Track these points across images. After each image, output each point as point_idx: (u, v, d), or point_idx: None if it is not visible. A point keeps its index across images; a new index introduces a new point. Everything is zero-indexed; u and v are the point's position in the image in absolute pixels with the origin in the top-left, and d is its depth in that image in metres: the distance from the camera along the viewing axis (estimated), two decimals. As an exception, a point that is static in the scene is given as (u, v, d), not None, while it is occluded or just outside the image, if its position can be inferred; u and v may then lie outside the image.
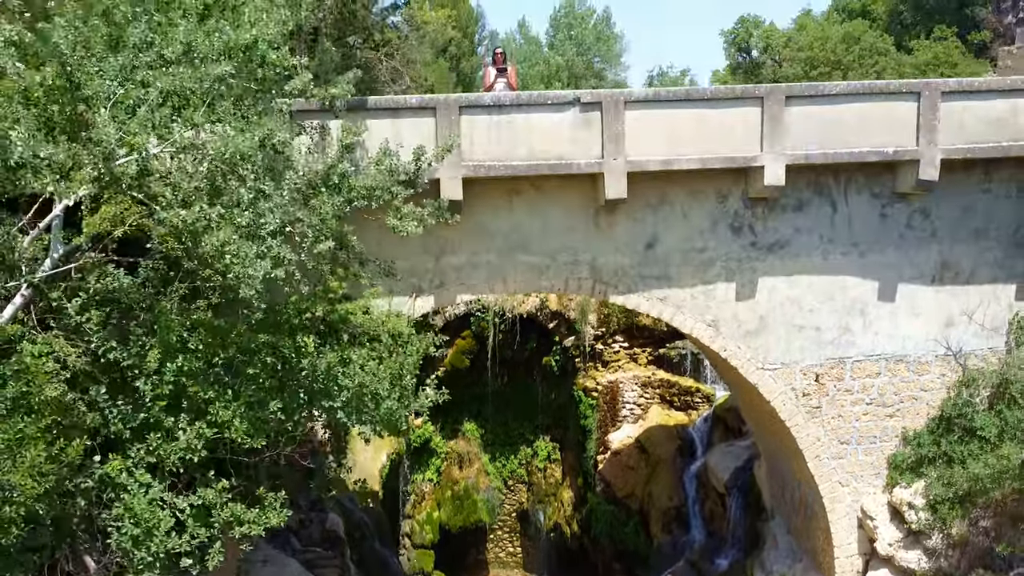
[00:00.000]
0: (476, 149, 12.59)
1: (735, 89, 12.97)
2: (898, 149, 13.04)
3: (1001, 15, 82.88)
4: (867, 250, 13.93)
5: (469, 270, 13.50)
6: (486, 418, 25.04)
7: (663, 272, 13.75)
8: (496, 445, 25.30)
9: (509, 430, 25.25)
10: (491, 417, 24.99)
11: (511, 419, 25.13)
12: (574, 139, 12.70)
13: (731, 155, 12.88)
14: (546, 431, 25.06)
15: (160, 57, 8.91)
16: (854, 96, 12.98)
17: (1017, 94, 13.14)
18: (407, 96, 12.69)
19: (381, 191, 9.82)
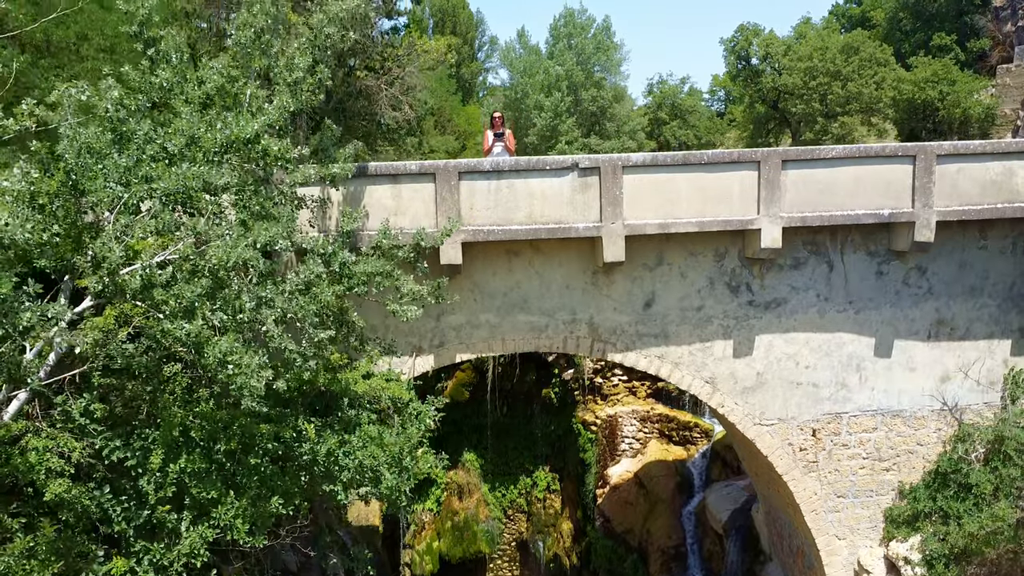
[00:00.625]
0: (475, 214, 12.70)
1: (732, 154, 13.06)
2: (894, 211, 13.14)
3: (1000, 23, 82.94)
4: (863, 307, 14.03)
5: (469, 330, 13.61)
6: (486, 448, 25.13)
7: (661, 330, 13.86)
8: (496, 475, 25.38)
9: (509, 460, 25.33)
10: (491, 447, 25.08)
11: (511, 449, 25.22)
12: (572, 203, 12.81)
13: (728, 218, 12.98)
14: (545, 461, 25.15)
15: (163, 150, 9.03)
16: (850, 160, 13.07)
17: (1011, 156, 13.24)
18: (407, 163, 12.74)
19: (381, 276, 9.91)
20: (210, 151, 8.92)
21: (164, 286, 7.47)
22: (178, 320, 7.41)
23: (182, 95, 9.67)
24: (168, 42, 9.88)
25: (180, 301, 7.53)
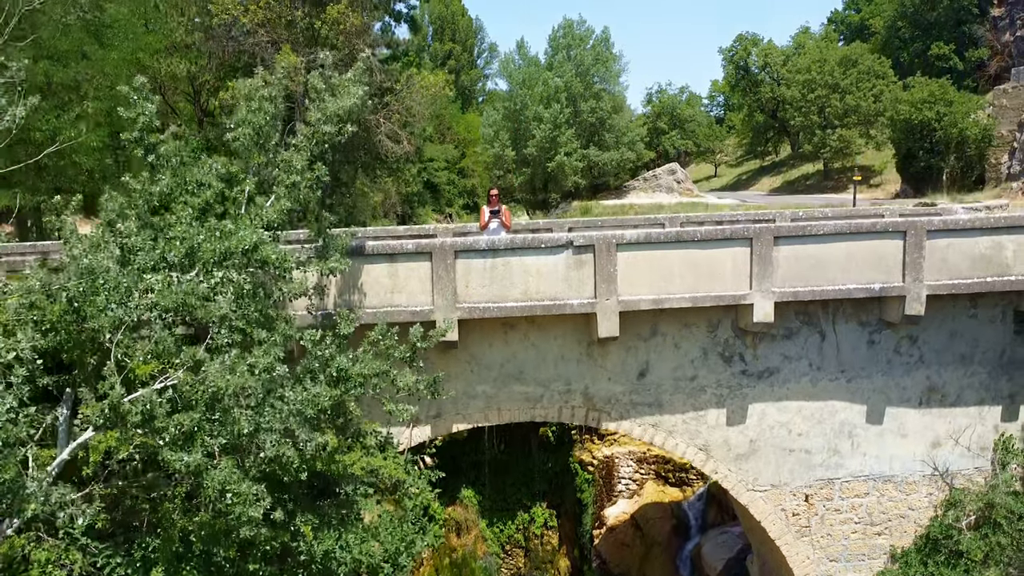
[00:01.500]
0: (471, 291, 12.87)
1: (725, 230, 13.22)
2: (885, 285, 13.32)
3: (998, 33, 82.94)
4: (855, 376, 14.21)
5: (466, 400, 13.79)
6: (484, 484, 25.30)
7: (655, 399, 14.04)
8: (494, 511, 25.55)
9: (507, 496, 25.51)
10: (489, 483, 25.24)
11: (508, 486, 25.39)
12: (567, 279, 12.97)
13: (721, 293, 13.15)
14: (543, 497, 25.32)
15: (163, 259, 9.19)
16: (841, 236, 13.23)
17: (1000, 231, 13.40)
18: (403, 242, 12.94)
19: (379, 378, 10.07)
20: (209, 261, 9.07)
21: (164, 416, 7.64)
22: (178, 451, 7.58)
23: (182, 199, 9.82)
24: (169, 145, 10.03)
25: (179, 428, 7.70)
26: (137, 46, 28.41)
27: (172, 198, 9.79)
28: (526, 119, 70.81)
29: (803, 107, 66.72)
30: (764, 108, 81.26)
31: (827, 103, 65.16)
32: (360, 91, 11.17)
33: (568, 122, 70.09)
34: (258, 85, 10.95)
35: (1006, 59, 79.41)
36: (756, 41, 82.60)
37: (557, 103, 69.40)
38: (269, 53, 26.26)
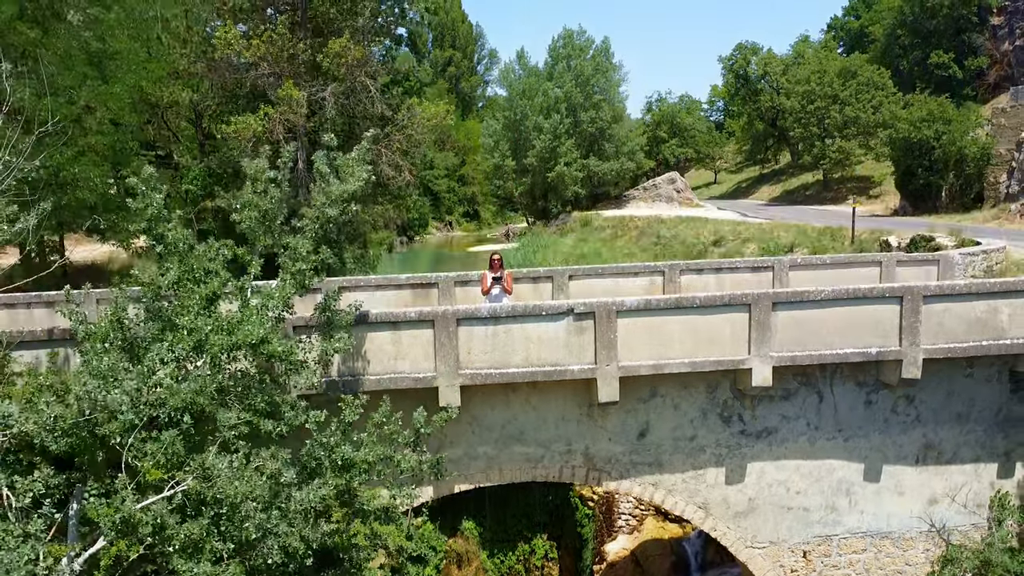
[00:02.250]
0: (473, 357, 13.03)
1: (723, 297, 13.37)
2: (881, 349, 13.48)
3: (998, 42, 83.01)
4: (853, 435, 14.38)
5: (467, 461, 13.96)
6: (484, 516, 25.44)
7: (655, 459, 14.20)
8: (494, 542, 25.70)
9: (507, 527, 25.59)
10: (489, 515, 25.39)
11: (509, 517, 25.48)
12: (568, 345, 13.14)
13: (720, 358, 13.32)
14: (544, 529, 25.45)
15: (171, 352, 9.35)
16: (839, 301, 13.39)
17: (996, 296, 13.56)
18: (406, 310, 13.10)
19: (382, 464, 10.24)
20: (218, 356, 9.23)
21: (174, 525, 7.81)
22: (187, 560, 7.75)
23: (189, 286, 9.96)
24: (176, 233, 10.17)
25: (189, 536, 7.87)
26: (139, 76, 28.58)
27: (180, 286, 9.92)
28: (526, 129, 70.99)
29: (802, 118, 66.90)
30: (764, 117, 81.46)
31: (826, 114, 65.34)
32: (364, 173, 11.31)
33: (568, 132, 70.26)
34: (263, 167, 11.10)
35: (1005, 68, 79.63)
36: (756, 50, 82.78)
37: (557, 113, 69.58)
38: (271, 85, 26.42)
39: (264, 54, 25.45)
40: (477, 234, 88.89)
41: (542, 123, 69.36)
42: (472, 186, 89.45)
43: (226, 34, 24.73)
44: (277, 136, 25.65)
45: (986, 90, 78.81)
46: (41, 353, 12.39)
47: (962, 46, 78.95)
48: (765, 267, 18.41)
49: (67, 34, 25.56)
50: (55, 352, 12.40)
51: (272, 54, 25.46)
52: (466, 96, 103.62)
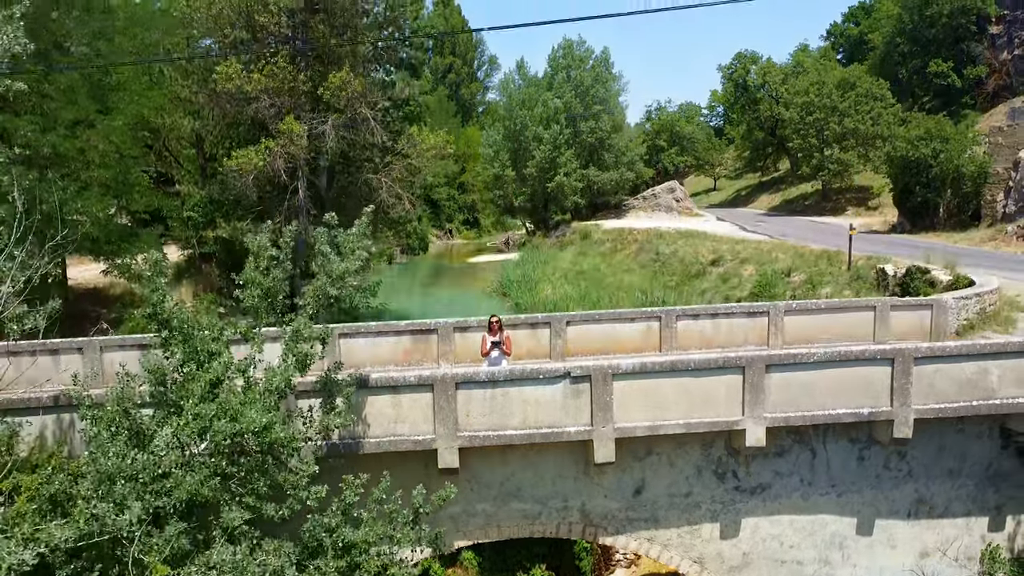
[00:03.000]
0: (472, 420, 13.26)
1: (717, 360, 13.60)
2: (873, 410, 13.71)
3: (997, 51, 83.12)
4: (846, 490, 14.60)
5: (465, 518, 14.18)
6: (483, 546, 25.68)
7: (651, 515, 14.43)
8: (493, 571, 25.96)
9: (506, 558, 25.86)
10: (488, 546, 25.62)
11: (508, 548, 25.75)
12: (565, 408, 13.37)
13: (715, 419, 13.56)
14: (543, 560, 25.71)
15: (175, 439, 9.58)
16: (831, 363, 13.61)
17: (986, 357, 13.79)
18: (406, 374, 13.34)
19: (383, 541, 10.47)
20: (221, 443, 9.46)
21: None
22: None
23: (193, 368, 10.19)
24: (179, 317, 10.39)
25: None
26: (141, 106, 28.80)
27: (184, 368, 10.14)
28: (526, 139, 71.23)
29: (801, 129, 67.08)
30: (763, 126, 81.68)
31: (825, 125, 65.53)
32: (364, 252, 11.53)
33: (568, 142, 70.52)
34: (265, 244, 11.32)
35: (1004, 77, 79.74)
36: (755, 59, 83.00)
37: (557, 124, 69.85)
38: (272, 117, 26.64)
39: (265, 87, 25.64)
40: (477, 242, 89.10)
41: (542, 133, 69.61)
42: (472, 194, 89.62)
43: (227, 69, 24.91)
44: (278, 168, 25.87)
45: (985, 99, 78.95)
46: (48, 420, 12.64)
47: (961, 55, 79.10)
48: (761, 312, 18.63)
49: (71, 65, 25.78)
50: (60, 418, 12.65)
51: (273, 87, 25.66)
52: (466, 103, 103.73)
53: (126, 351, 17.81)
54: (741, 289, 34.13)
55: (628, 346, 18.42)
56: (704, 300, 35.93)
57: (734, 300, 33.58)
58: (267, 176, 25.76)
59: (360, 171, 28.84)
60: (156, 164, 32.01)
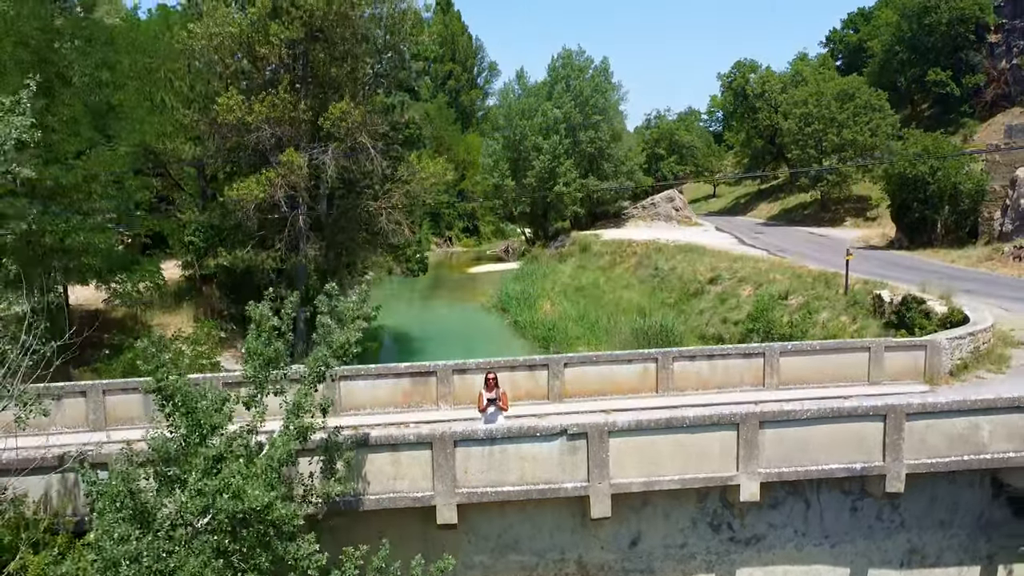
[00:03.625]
0: (470, 476, 13.47)
1: (712, 416, 13.80)
2: (866, 465, 13.92)
3: (995, 59, 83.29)
4: (839, 541, 14.81)
5: (463, 571, 14.35)
6: None
7: (646, 566, 14.64)
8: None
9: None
10: None
11: None
12: (562, 464, 13.58)
13: (709, 475, 13.77)
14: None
15: (181, 518, 9.78)
16: (824, 419, 13.82)
17: (977, 413, 14.00)
18: (405, 432, 13.54)
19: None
20: (224, 522, 9.66)
21: None
22: None
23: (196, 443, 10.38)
24: (183, 392, 10.58)
25: None
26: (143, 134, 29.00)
27: (187, 442, 10.34)
28: (525, 149, 71.37)
29: (800, 140, 67.21)
30: (762, 134, 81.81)
31: (824, 136, 65.66)
32: (363, 322, 11.72)
33: (567, 152, 70.62)
34: (267, 313, 11.50)
35: (1003, 86, 79.87)
36: (754, 67, 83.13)
37: (556, 134, 69.95)
38: (273, 147, 26.84)
39: (267, 116, 25.83)
40: (477, 249, 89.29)
41: (541, 143, 69.74)
42: (472, 201, 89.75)
43: (228, 101, 25.10)
44: (278, 199, 26.07)
45: (983, 107, 79.12)
46: (53, 479, 12.85)
47: (960, 63, 79.20)
48: (756, 353, 18.84)
49: (74, 98, 25.97)
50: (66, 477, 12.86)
51: (274, 117, 25.85)
52: (466, 109, 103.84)
53: (128, 394, 18.07)
54: (739, 311, 34.30)
55: (625, 387, 18.63)
56: (702, 320, 36.16)
57: (732, 322, 33.82)
58: (268, 205, 25.92)
59: (360, 197, 29.02)
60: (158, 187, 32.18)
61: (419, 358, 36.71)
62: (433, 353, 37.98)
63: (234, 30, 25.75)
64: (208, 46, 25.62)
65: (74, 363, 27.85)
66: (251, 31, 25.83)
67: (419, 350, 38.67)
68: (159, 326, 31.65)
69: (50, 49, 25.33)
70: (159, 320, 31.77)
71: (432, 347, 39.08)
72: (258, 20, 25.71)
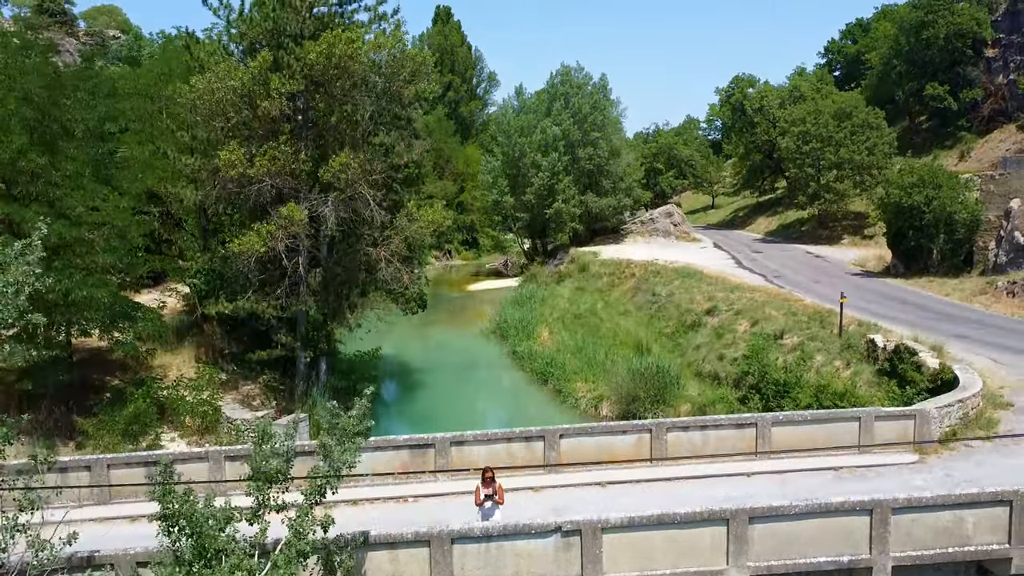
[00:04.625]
0: (467, 572, 13.85)
1: (702, 512, 14.17)
2: (853, 558, 14.31)
3: (992, 74, 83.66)
4: (827, 626, 15.17)
5: (461, 659, 14.75)
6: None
7: (639, 650, 15.00)
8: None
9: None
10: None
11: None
12: (556, 560, 13.96)
13: (700, 569, 14.15)
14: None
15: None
16: (812, 514, 14.19)
17: (962, 507, 14.37)
18: (403, 531, 13.88)
19: None
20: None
21: None
22: None
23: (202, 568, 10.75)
24: (188, 516, 10.93)
25: None
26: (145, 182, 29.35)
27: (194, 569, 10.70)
28: (524, 166, 71.71)
29: (798, 159, 67.58)
30: (760, 149, 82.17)
31: (821, 155, 66.02)
32: (361, 440, 12.08)
33: (566, 169, 70.95)
34: (270, 430, 11.86)
35: (1000, 101, 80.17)
36: (752, 82, 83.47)
37: (555, 151, 70.27)
38: (273, 199, 27.19)
39: (268, 169, 26.18)
40: (476, 262, 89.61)
41: (540, 160, 70.07)
42: (471, 214, 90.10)
43: (230, 156, 25.45)
44: (279, 252, 26.44)
45: (981, 122, 79.47)
46: (60, 580, 13.20)
47: (957, 78, 79.52)
48: (748, 424, 19.22)
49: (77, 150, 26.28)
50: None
51: (275, 169, 26.21)
52: (465, 120, 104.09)
53: (132, 468, 18.45)
54: (735, 347, 34.65)
55: (620, 456, 18.99)
56: (699, 356, 36.52)
57: (728, 360, 34.18)
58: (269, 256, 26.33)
59: (360, 241, 29.39)
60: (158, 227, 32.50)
61: (419, 394, 37.16)
62: (433, 387, 38.49)
63: (236, 84, 26.05)
64: (210, 101, 25.92)
65: (76, 408, 28.26)
66: (252, 84, 26.13)
67: (419, 384, 39.09)
68: (160, 367, 32.02)
69: (54, 105, 25.68)
70: (160, 360, 32.07)
71: (432, 379, 39.53)
72: (259, 74, 26.02)
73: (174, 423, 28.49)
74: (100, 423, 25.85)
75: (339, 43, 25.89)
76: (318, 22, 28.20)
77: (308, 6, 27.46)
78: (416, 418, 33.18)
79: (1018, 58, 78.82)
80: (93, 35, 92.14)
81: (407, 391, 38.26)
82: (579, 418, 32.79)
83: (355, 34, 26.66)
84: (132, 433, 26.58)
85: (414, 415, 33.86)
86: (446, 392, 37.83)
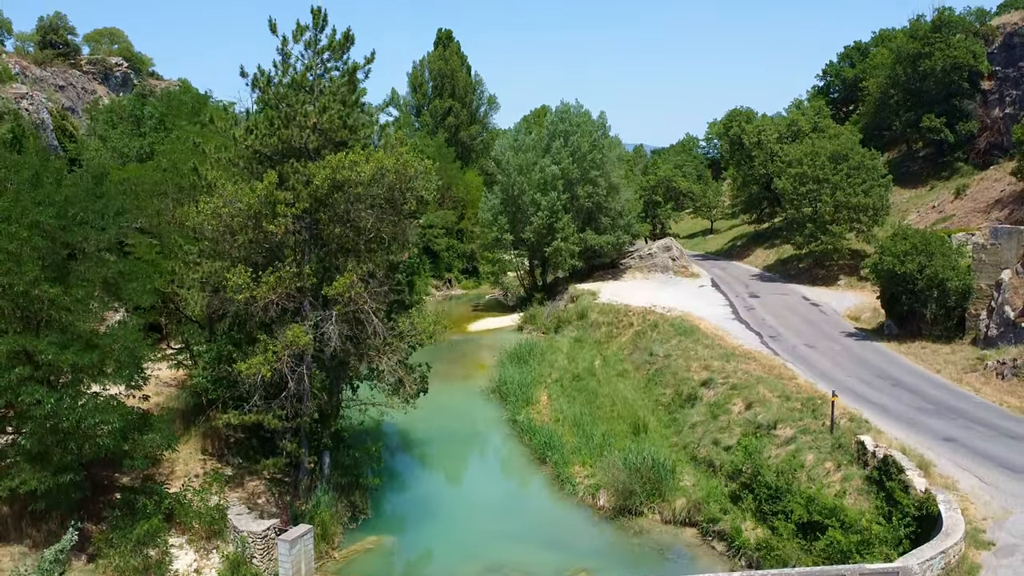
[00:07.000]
0: None
1: None
2: None
3: (988, 107, 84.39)
4: None
5: None
6: None
7: None
8: None
9: None
10: None
11: None
12: None
13: None
14: None
15: None
16: None
17: None
18: None
19: None
20: None
21: None
22: None
23: None
24: None
25: None
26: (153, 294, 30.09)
27: None
28: (524, 204, 72.46)
29: (795, 200, 68.30)
30: (758, 181, 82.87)
31: (818, 197, 66.76)
32: None
33: (565, 207, 71.70)
34: None
35: (996, 135, 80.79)
36: (750, 116, 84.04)
37: (554, 190, 71.00)
38: (277, 319, 27.95)
39: (274, 287, 26.92)
40: (475, 292, 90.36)
41: (540, 199, 70.81)
42: (471, 242, 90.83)
43: (237, 280, 26.19)
44: (283, 368, 27.23)
45: (977, 155, 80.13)
46: None
47: (953, 110, 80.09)
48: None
49: (89, 271, 27.00)
50: None
51: (281, 290, 26.97)
52: (465, 145, 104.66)
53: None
54: (730, 433, 35.50)
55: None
56: (695, 437, 37.39)
57: (723, 447, 35.04)
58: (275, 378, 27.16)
59: (362, 346, 30.17)
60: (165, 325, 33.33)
61: (421, 476, 38.02)
62: (434, 467, 39.51)
63: (242, 206, 26.77)
64: (217, 224, 26.66)
65: (87, 515, 29.00)
66: (259, 206, 26.86)
67: (421, 462, 40.03)
68: (167, 461, 32.85)
69: (65, 232, 26.38)
70: (166, 455, 32.85)
71: (433, 455, 40.54)
72: (266, 197, 26.75)
73: (182, 526, 29.34)
74: (111, 539, 26.59)
75: (342, 168, 26.61)
76: (322, 136, 28.86)
77: (313, 125, 28.13)
78: (417, 504, 34.23)
79: (1014, 92, 79.35)
80: (96, 63, 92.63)
81: (409, 472, 39.11)
82: (576, 507, 33.75)
83: (358, 156, 27.34)
84: (143, 542, 27.35)
85: (415, 501, 34.84)
86: (448, 472, 38.71)
